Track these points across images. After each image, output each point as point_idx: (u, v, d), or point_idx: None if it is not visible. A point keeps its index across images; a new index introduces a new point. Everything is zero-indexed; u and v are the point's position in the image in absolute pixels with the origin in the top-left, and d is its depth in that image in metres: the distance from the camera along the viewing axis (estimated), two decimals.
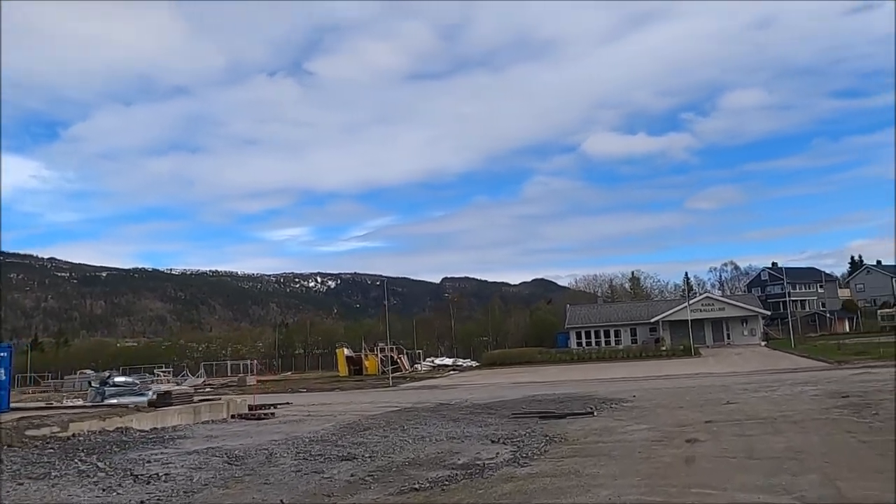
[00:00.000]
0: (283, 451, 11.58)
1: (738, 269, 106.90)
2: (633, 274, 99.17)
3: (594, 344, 60.93)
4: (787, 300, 70.30)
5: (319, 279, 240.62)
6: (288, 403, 22.14)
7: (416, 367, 50.92)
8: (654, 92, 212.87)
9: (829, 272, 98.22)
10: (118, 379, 22.83)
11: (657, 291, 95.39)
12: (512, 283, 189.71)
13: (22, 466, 10.34)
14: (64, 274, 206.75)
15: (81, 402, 21.65)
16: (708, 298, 65.21)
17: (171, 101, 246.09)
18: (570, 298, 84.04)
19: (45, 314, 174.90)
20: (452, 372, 46.43)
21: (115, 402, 19.44)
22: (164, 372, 47.87)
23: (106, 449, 12.08)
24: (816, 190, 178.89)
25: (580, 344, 61.56)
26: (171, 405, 16.47)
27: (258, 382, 40.29)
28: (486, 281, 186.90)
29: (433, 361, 56.04)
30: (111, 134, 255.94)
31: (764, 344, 55.83)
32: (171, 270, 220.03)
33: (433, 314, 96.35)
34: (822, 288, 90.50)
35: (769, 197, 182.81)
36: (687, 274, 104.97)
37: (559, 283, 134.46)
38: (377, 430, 14.14)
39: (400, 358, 49.13)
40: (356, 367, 48.17)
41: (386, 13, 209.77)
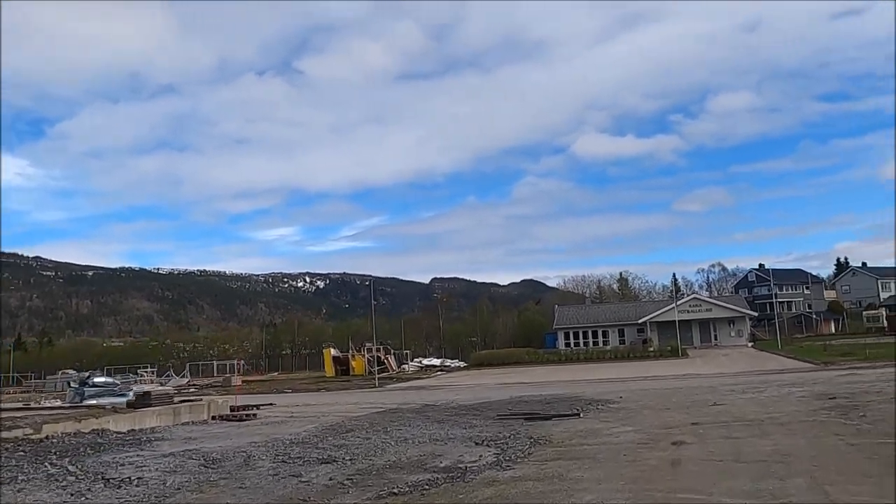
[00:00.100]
0: (261, 453, 11.33)
1: (725, 270, 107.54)
2: (621, 275, 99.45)
3: (582, 345, 60.91)
4: (773, 301, 70.57)
5: (308, 279, 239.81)
6: (271, 404, 21.83)
7: (403, 367, 50.63)
8: (643, 94, 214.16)
9: (815, 274, 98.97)
10: (98, 379, 22.43)
11: (645, 292, 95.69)
12: (501, 283, 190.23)
13: None
14: (49, 273, 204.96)
15: (60, 402, 21.25)
16: (695, 299, 65.32)
17: (159, 99, 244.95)
18: (558, 299, 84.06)
19: (30, 313, 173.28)
20: (440, 372, 46.20)
21: (94, 402, 19.08)
22: (147, 372, 47.35)
23: (79, 451, 11.77)
24: (803, 192, 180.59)
25: (568, 344, 61.53)
26: (150, 406, 16.15)
27: (243, 383, 39.93)
28: (475, 281, 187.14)
29: (421, 362, 55.74)
30: (98, 132, 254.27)
31: (751, 345, 55.99)
32: (158, 270, 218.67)
33: (422, 314, 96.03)
34: (808, 289, 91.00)
35: (756, 199, 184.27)
36: (675, 275, 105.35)
37: (548, 283, 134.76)
38: (360, 431, 13.91)
39: (387, 358, 48.83)
40: (343, 367, 47.83)
41: (376, 13, 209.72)
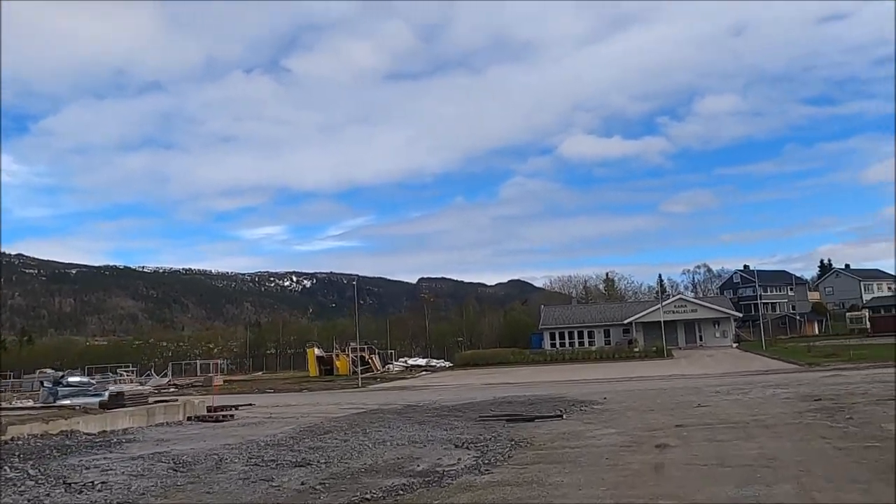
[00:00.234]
0: (234, 456, 10.99)
1: (710, 271, 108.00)
2: (607, 275, 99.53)
3: (568, 345, 60.76)
4: (758, 302, 70.84)
5: (295, 278, 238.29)
6: (250, 405, 21.45)
7: (388, 367, 50.28)
8: (630, 95, 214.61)
9: (799, 275, 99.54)
10: (72, 379, 21.91)
11: (631, 293, 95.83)
12: (488, 283, 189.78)
13: None
14: (32, 271, 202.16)
15: (32, 402, 20.72)
16: (681, 300, 65.37)
17: (145, 96, 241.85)
18: (544, 299, 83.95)
19: (11, 312, 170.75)
20: (425, 372, 45.88)
21: (67, 403, 18.60)
22: (127, 371, 46.66)
23: (44, 454, 11.36)
24: (787, 195, 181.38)
25: (554, 345, 61.37)
26: (123, 407, 15.72)
27: (224, 382, 39.42)
28: (462, 282, 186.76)
29: (406, 362, 55.38)
30: (83, 129, 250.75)
31: (735, 345, 56.11)
32: (143, 268, 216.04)
33: (408, 314, 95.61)
34: (792, 291, 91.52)
35: (742, 201, 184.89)
36: (660, 276, 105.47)
37: (535, 284, 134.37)
38: (338, 433, 13.60)
39: (371, 358, 48.46)
40: (327, 367, 47.43)
41: (365, 12, 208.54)
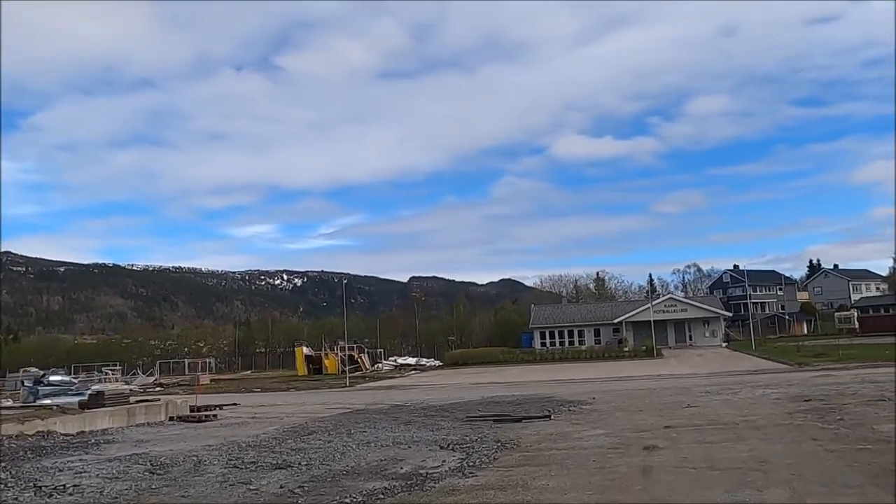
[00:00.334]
0: (214, 457, 10.72)
1: (700, 271, 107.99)
2: (598, 275, 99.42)
3: (558, 344, 60.62)
4: (748, 302, 70.96)
5: (285, 277, 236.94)
6: (235, 404, 21.14)
7: (377, 366, 49.98)
8: (621, 96, 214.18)
9: (788, 275, 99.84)
10: (54, 378, 21.53)
11: (621, 292, 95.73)
12: (480, 283, 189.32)
13: None
14: (20, 268, 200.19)
15: (12, 402, 20.33)
16: (671, 299, 65.36)
17: (135, 93, 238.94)
18: (535, 298, 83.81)
19: None
20: (414, 372, 45.62)
21: (48, 402, 18.24)
22: (112, 370, 46.12)
23: (18, 456, 11.05)
24: (777, 195, 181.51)
25: (544, 344, 61.23)
26: (102, 406, 15.40)
27: (211, 381, 39.03)
28: (454, 281, 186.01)
29: (396, 361, 55.04)
30: (72, 125, 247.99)
31: (725, 345, 56.15)
32: (132, 266, 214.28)
33: (398, 313, 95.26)
34: (781, 290, 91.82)
35: (732, 201, 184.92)
36: (651, 275, 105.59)
37: (526, 283, 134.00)
38: (322, 434, 13.35)
39: (360, 357, 48.16)
40: (316, 366, 47.08)
41: (357, 10, 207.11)
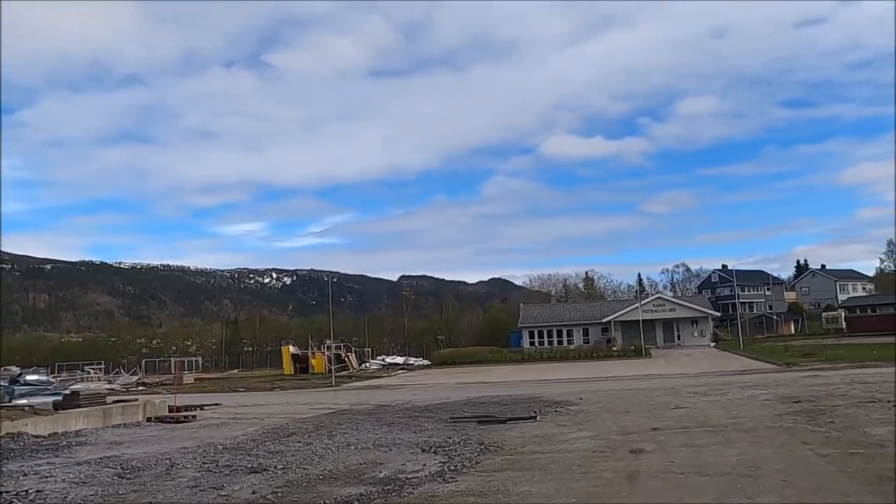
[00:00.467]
0: (188, 460, 10.37)
1: (689, 270, 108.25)
2: (587, 274, 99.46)
3: (546, 343, 60.44)
4: (736, 302, 71.05)
5: (275, 275, 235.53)
6: (217, 404, 20.74)
7: (364, 365, 49.62)
8: (611, 96, 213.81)
9: (776, 275, 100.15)
10: (30, 377, 21.01)
11: (610, 292, 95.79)
12: (470, 282, 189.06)
13: None
14: (5, 266, 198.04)
15: None
16: (659, 299, 65.31)
17: (123, 89, 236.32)
18: (524, 298, 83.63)
19: None
20: (401, 371, 45.29)
21: (23, 402, 17.77)
22: (94, 369, 45.45)
23: None
24: (765, 196, 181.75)
25: (533, 343, 61.03)
26: (77, 407, 14.98)
27: (195, 381, 38.54)
28: (444, 280, 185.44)
29: (384, 360, 54.68)
30: (60, 121, 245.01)
31: (713, 345, 56.14)
32: (120, 264, 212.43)
33: (387, 312, 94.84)
34: (769, 290, 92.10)
35: (720, 202, 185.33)
36: (640, 275, 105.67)
37: (516, 282, 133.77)
38: (302, 435, 13.03)
39: (348, 356, 47.78)
40: (302, 365, 46.67)
41: (347, 8, 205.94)
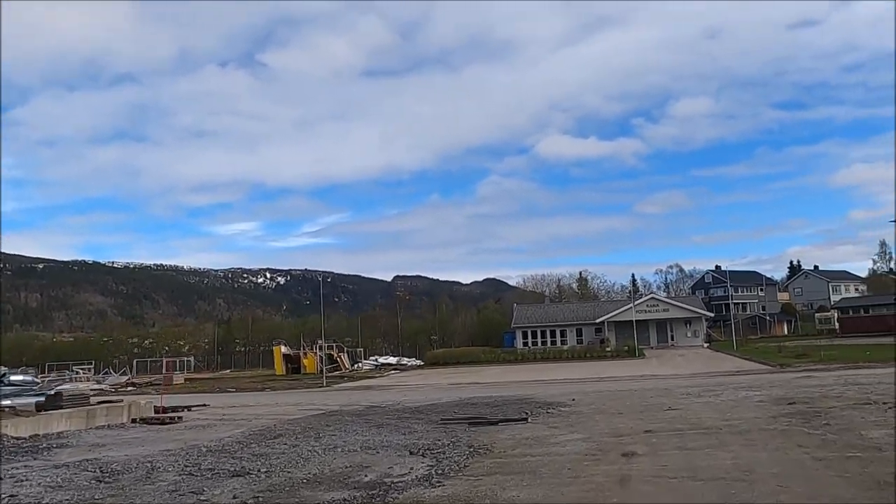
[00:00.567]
0: (169, 463, 10.11)
1: (682, 271, 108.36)
2: (580, 274, 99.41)
3: (540, 344, 60.32)
4: (729, 302, 71.11)
5: (269, 275, 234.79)
6: (204, 405, 20.45)
7: (357, 365, 49.35)
8: (606, 96, 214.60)
9: (769, 276, 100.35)
10: (14, 378, 20.71)
11: (604, 292, 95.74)
12: (464, 282, 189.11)
13: None
14: None
15: None
16: (653, 299, 65.29)
17: (117, 88, 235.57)
18: (518, 298, 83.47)
19: None
20: (394, 371, 45.05)
21: (7, 403, 17.47)
22: (83, 370, 45.00)
23: None
24: (758, 197, 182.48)
25: (526, 344, 60.91)
26: (60, 408, 14.70)
27: (185, 381, 38.21)
28: (438, 280, 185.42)
29: (377, 360, 54.44)
30: (53, 120, 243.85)
31: (706, 345, 56.10)
32: (113, 263, 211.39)
33: (381, 312, 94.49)
34: (762, 291, 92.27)
35: (714, 203, 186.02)
36: (633, 275, 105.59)
37: (510, 283, 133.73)
38: (289, 437, 12.78)
39: (340, 356, 47.49)
40: (294, 365, 46.35)
41: (343, 8, 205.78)
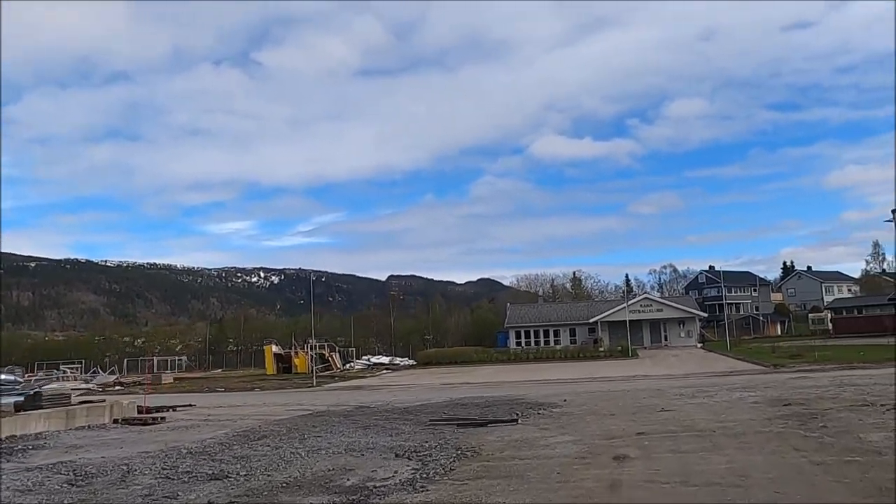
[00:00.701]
0: (146, 466, 9.79)
1: (676, 271, 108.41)
2: (574, 274, 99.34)
3: (533, 343, 60.07)
4: (723, 303, 71.00)
5: (262, 274, 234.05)
6: (190, 405, 20.10)
7: (349, 365, 49.00)
8: (601, 97, 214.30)
9: (762, 277, 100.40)
10: None
11: (598, 292, 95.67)
12: (458, 282, 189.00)
13: None
14: None
15: None
16: (646, 299, 65.08)
17: (111, 86, 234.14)
18: (512, 298, 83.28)
19: None
20: (386, 371, 44.72)
21: None
22: (71, 369, 44.52)
23: None
24: (752, 198, 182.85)
25: (519, 343, 60.64)
26: (39, 408, 14.33)
27: (174, 380, 37.79)
28: (432, 280, 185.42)
29: (369, 360, 54.08)
30: (46, 118, 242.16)
31: (700, 346, 55.95)
32: (106, 262, 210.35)
33: (374, 311, 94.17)
34: (755, 291, 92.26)
35: (708, 203, 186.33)
36: (627, 275, 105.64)
37: (504, 282, 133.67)
38: (273, 438, 12.46)
39: (331, 356, 47.13)
40: (285, 365, 45.99)
41: (338, 7, 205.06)
